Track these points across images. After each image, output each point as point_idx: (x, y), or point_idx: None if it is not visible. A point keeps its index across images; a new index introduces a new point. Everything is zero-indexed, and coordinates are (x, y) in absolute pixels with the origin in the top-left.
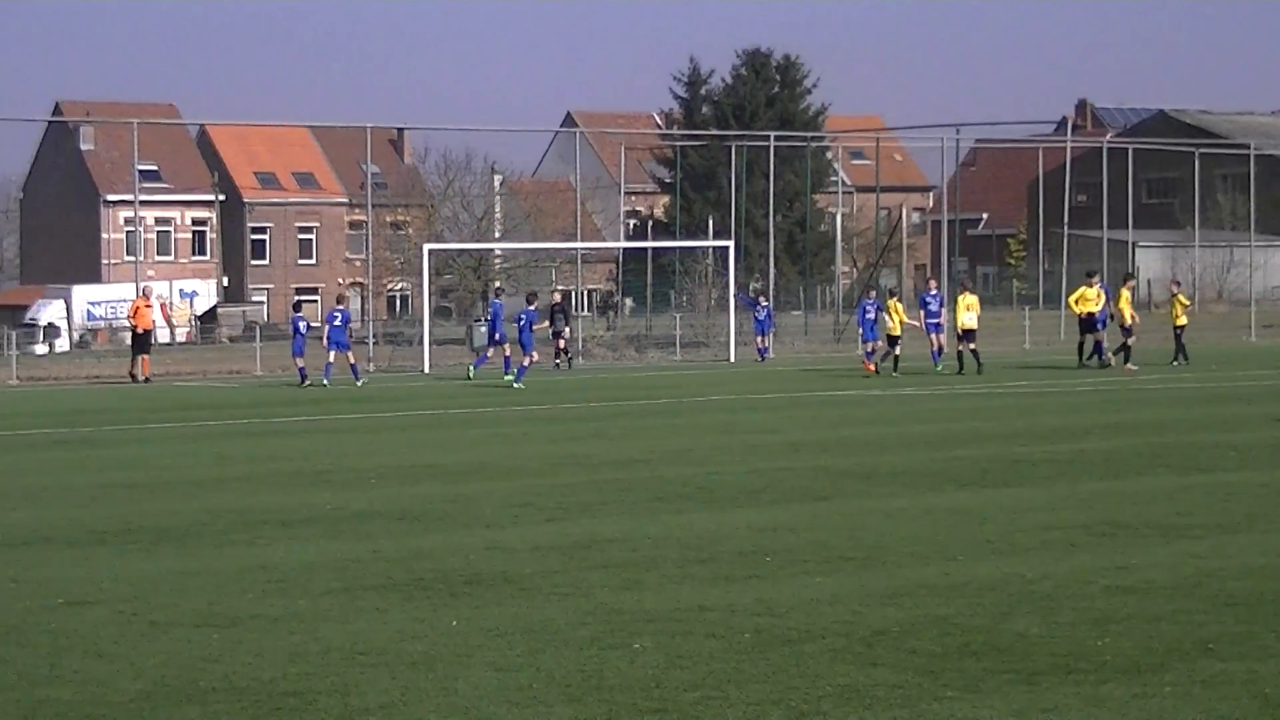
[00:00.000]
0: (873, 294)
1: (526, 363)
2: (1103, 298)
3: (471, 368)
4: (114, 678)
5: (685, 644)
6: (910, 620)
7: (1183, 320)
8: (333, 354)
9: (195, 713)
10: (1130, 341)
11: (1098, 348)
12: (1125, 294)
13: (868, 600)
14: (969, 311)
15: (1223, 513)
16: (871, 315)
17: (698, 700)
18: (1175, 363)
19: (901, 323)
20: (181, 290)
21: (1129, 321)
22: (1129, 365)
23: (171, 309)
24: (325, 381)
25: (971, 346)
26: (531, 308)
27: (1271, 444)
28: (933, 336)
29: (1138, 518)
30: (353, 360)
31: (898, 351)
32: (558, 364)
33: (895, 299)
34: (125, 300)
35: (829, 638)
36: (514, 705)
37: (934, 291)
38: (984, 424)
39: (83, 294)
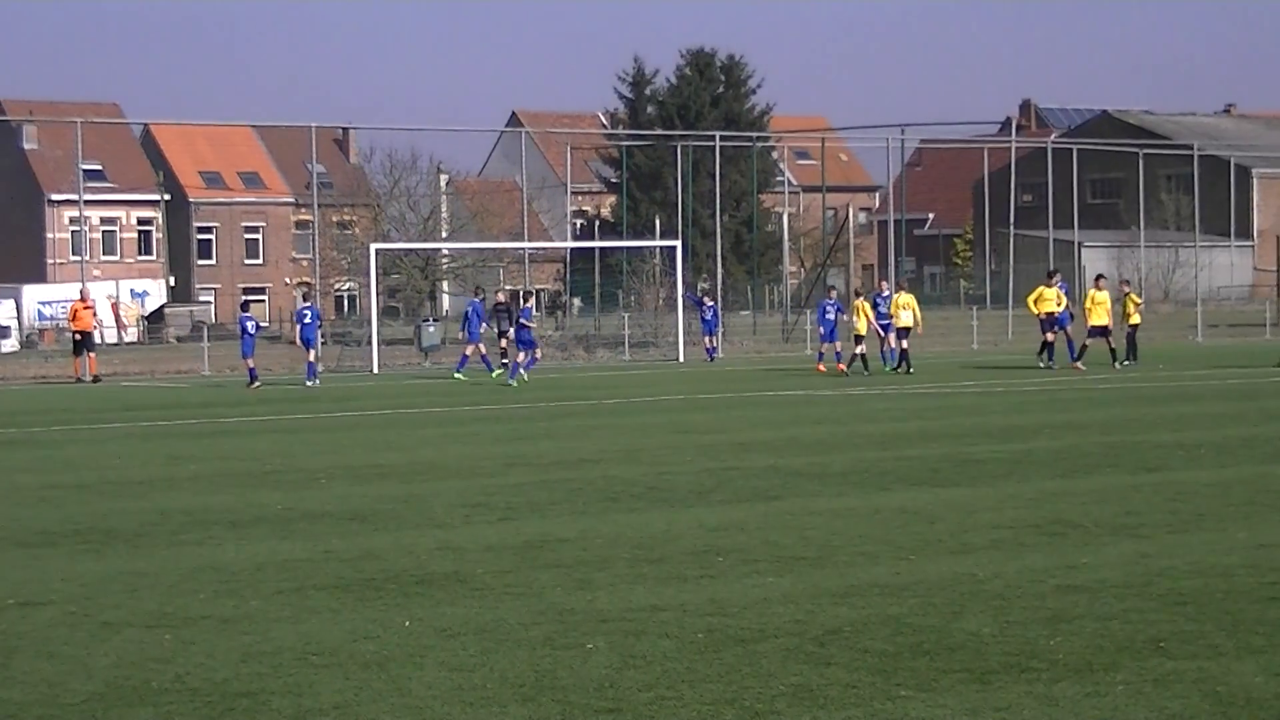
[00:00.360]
0: (833, 294)
1: (537, 355)
2: (1063, 298)
3: (456, 371)
4: (65, 679)
5: (638, 644)
6: (862, 619)
7: (1136, 319)
8: (307, 352)
9: (148, 714)
10: (1089, 341)
11: (1046, 347)
12: (1098, 295)
13: (820, 600)
14: (905, 310)
15: (1171, 512)
16: (831, 316)
17: (652, 700)
18: (1128, 361)
19: (869, 323)
20: (133, 290)
21: (1103, 322)
22: (1078, 364)
23: (123, 309)
24: (314, 382)
25: (904, 345)
26: (528, 305)
27: (1219, 443)
28: (886, 337)
29: (1088, 517)
30: (313, 359)
31: (860, 350)
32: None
33: (862, 299)
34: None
35: (782, 637)
36: (467, 705)
37: (885, 293)
38: (933, 423)
39: (33, 294)
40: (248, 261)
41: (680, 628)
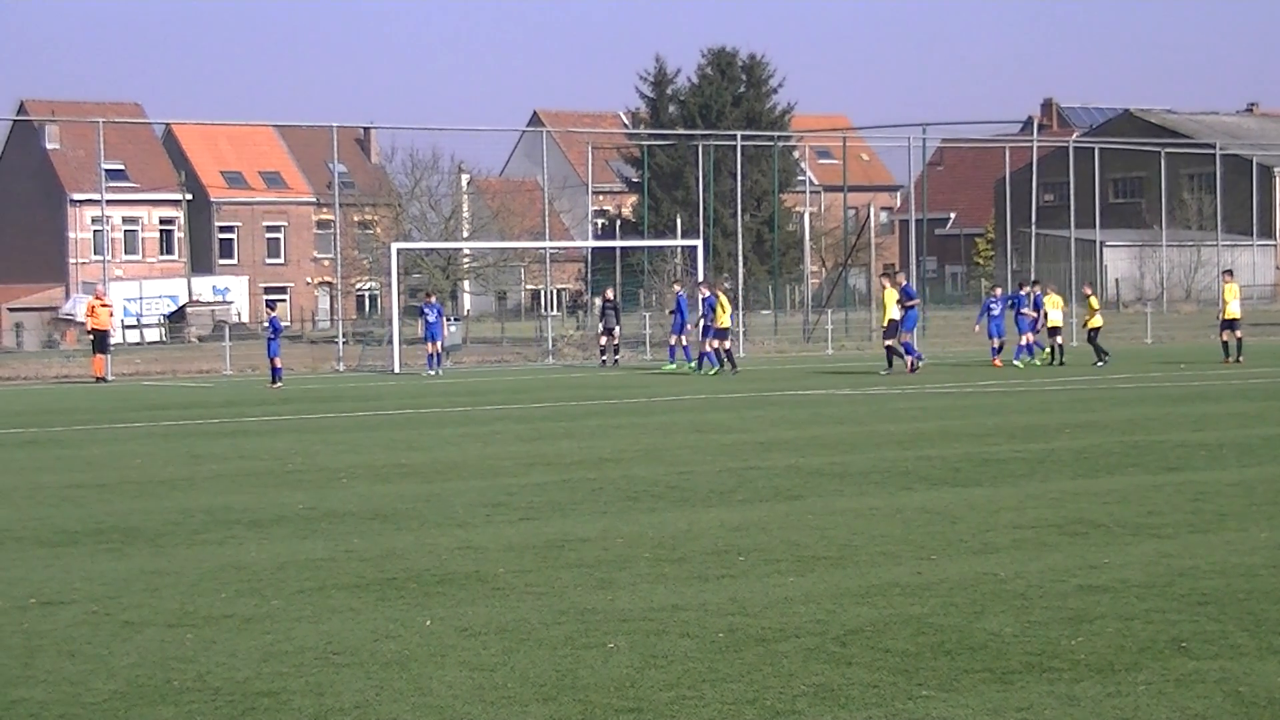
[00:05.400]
0: (1038, 288)
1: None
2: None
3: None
4: (87, 678)
5: (659, 643)
6: (884, 619)
7: (1096, 322)
8: (430, 345)
9: (169, 713)
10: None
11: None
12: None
13: (841, 599)
14: (1055, 310)
15: (1194, 511)
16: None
17: (673, 700)
18: (1099, 362)
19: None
20: (214, 287)
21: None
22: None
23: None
24: (436, 371)
25: (1059, 342)
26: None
27: (1241, 443)
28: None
29: (1109, 516)
30: (433, 351)
31: (1059, 341)
32: (603, 360)
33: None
34: (164, 296)
35: (803, 637)
36: (488, 705)
37: (705, 295)
38: (954, 423)
39: (120, 291)
40: (269, 261)
41: (701, 627)
